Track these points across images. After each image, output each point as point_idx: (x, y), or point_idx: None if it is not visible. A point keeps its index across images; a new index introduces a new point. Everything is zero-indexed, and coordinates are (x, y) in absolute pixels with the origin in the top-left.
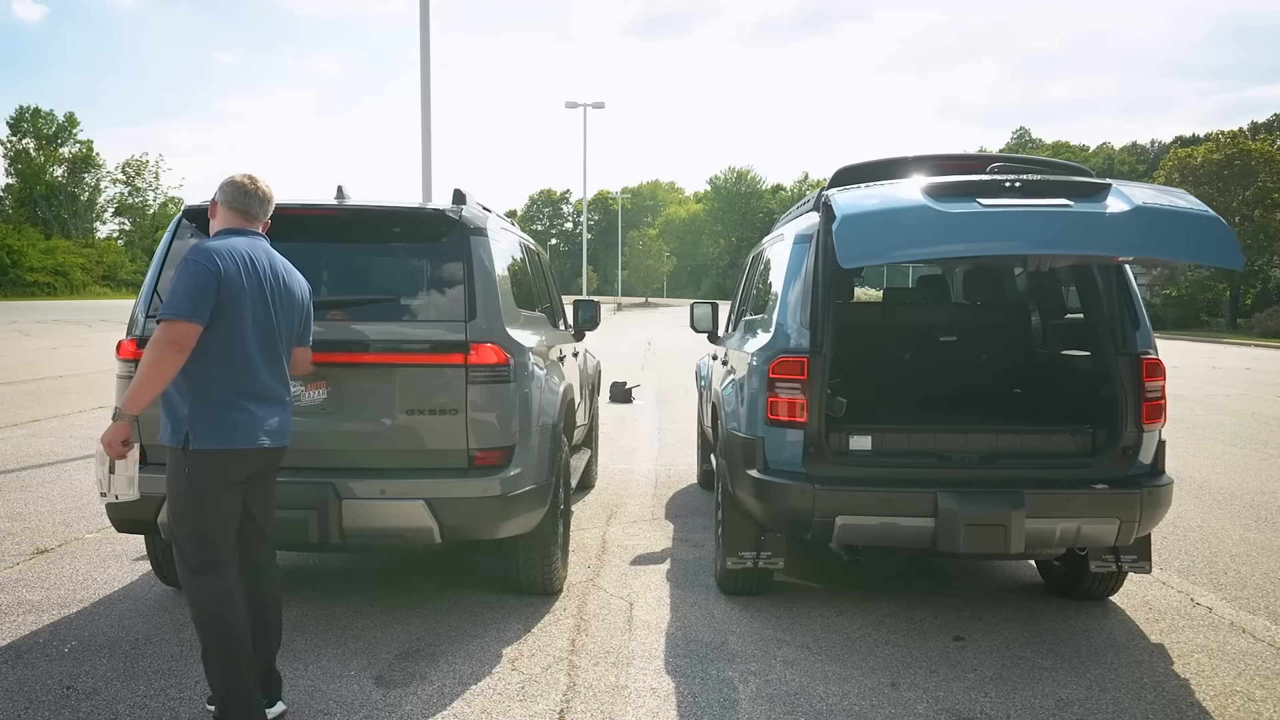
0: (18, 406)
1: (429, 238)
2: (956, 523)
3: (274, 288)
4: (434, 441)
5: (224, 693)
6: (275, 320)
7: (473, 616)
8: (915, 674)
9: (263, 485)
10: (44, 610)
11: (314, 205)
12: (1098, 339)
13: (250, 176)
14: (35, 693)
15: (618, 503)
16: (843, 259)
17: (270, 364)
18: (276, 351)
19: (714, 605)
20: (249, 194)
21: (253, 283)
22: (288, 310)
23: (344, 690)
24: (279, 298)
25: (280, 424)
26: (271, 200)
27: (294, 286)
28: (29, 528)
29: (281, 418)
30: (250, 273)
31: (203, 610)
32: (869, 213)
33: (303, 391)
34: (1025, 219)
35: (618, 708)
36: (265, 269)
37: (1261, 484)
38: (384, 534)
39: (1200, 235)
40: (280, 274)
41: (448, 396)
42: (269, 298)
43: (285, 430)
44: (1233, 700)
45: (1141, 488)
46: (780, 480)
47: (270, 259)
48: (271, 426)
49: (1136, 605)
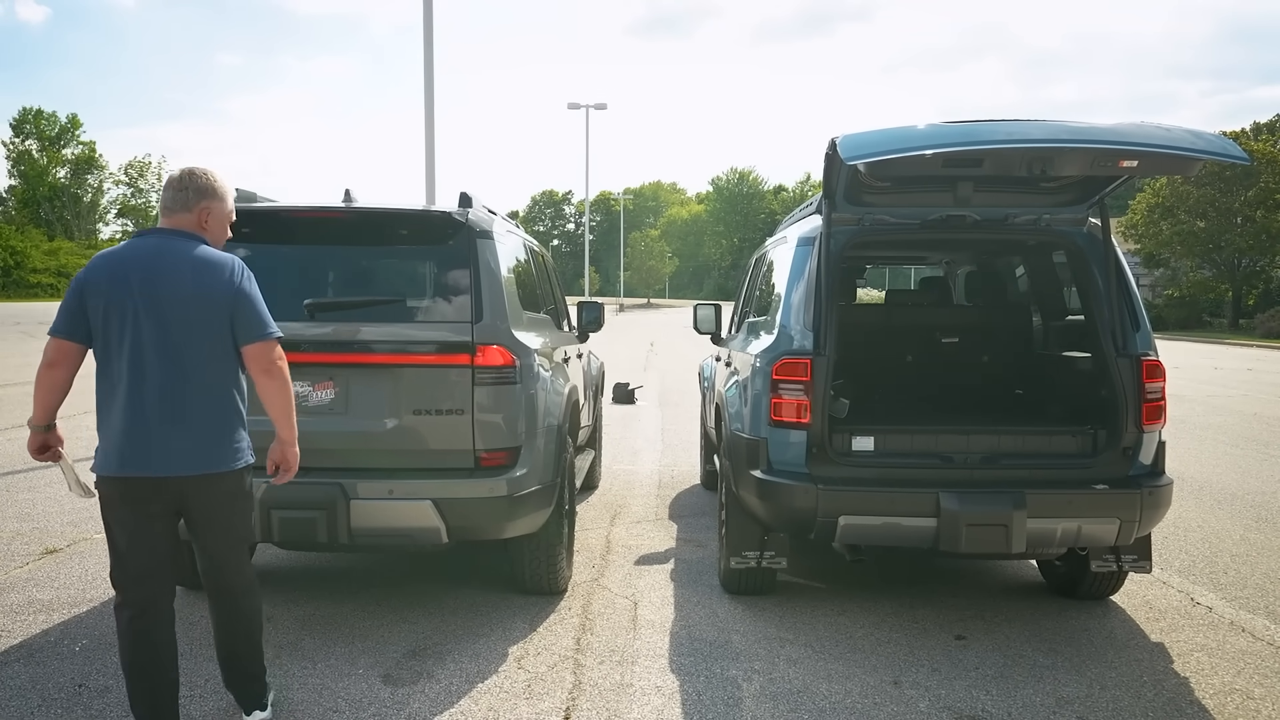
0: (23, 408)
1: (436, 240)
2: (958, 523)
3: (143, 293)
4: (440, 442)
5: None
6: (141, 332)
7: (479, 615)
8: (917, 672)
9: (199, 517)
10: (54, 609)
11: (322, 208)
12: (1098, 340)
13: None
14: (48, 690)
15: (622, 503)
16: (844, 153)
17: (142, 381)
18: (149, 367)
19: (718, 604)
20: (164, 189)
21: (118, 291)
22: (160, 315)
23: (352, 688)
24: (152, 303)
25: (172, 447)
26: (186, 188)
27: (174, 288)
28: (37, 528)
29: (178, 438)
30: (117, 279)
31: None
32: (870, 131)
33: (310, 392)
34: (1026, 124)
35: (623, 705)
36: (134, 273)
37: (1262, 484)
38: (392, 534)
39: (1200, 137)
40: (156, 276)
41: (454, 397)
42: (138, 307)
43: (183, 456)
44: (1231, 698)
45: (1142, 488)
46: (784, 481)
47: (149, 261)
48: (149, 450)
49: (1137, 605)
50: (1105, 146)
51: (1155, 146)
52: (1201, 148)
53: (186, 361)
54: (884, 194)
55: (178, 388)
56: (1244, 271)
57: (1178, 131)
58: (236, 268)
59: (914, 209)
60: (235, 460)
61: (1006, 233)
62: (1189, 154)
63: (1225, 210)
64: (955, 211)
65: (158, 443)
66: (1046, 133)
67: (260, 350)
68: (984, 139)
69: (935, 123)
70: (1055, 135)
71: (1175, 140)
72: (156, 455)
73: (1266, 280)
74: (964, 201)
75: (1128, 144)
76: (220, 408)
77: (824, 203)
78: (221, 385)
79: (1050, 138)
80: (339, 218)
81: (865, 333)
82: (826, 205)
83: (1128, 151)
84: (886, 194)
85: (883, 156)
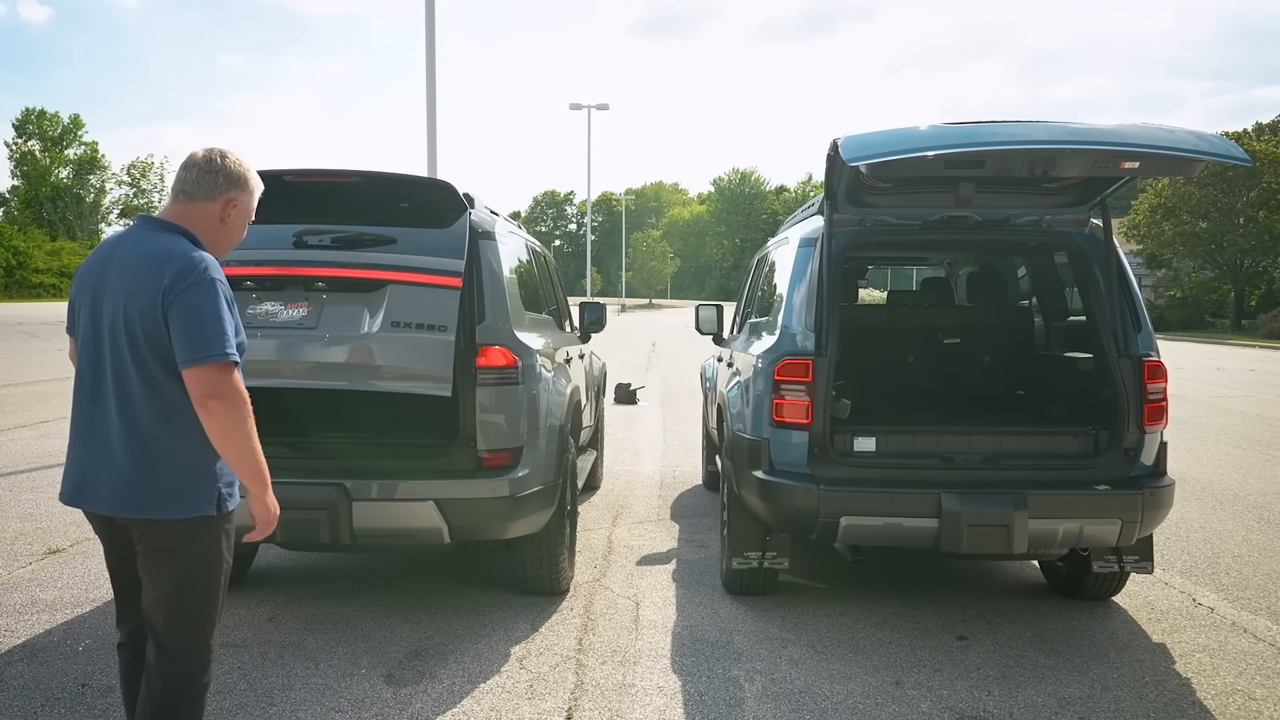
0: (26, 408)
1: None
2: (960, 523)
3: (96, 290)
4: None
5: None
6: (97, 334)
7: (481, 616)
8: (919, 673)
9: (144, 564)
10: (57, 609)
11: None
12: (1099, 341)
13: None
14: (51, 690)
15: (623, 504)
16: (846, 154)
17: (96, 396)
18: (102, 377)
19: (720, 605)
20: (185, 168)
21: (84, 284)
22: (104, 318)
23: (354, 688)
24: (103, 303)
25: (99, 480)
26: (215, 171)
27: (113, 290)
28: (40, 528)
29: (103, 471)
30: (83, 273)
31: None
32: (872, 132)
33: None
34: (1028, 125)
35: (625, 706)
36: (100, 265)
37: (1264, 485)
38: (394, 534)
39: (1203, 139)
40: (113, 270)
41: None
42: (91, 303)
43: (106, 492)
44: (1233, 699)
45: (1143, 489)
46: (785, 481)
47: (113, 251)
48: (82, 480)
49: (1139, 605)
50: (1107, 148)
51: (1157, 148)
52: (1204, 149)
53: (120, 381)
54: (886, 195)
55: (101, 410)
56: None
57: (1180, 133)
58: (182, 270)
59: (916, 210)
60: (175, 509)
61: (1008, 233)
62: (1191, 155)
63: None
64: (957, 212)
65: (86, 471)
66: (1048, 134)
67: (194, 377)
68: (986, 140)
69: (937, 124)
70: (1057, 136)
71: (1177, 141)
72: (86, 488)
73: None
74: (965, 202)
75: (1130, 145)
76: (154, 441)
77: (826, 203)
78: (156, 414)
79: (1052, 139)
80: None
81: (867, 333)
82: (828, 206)
83: (1129, 153)
84: (888, 195)
85: (884, 158)
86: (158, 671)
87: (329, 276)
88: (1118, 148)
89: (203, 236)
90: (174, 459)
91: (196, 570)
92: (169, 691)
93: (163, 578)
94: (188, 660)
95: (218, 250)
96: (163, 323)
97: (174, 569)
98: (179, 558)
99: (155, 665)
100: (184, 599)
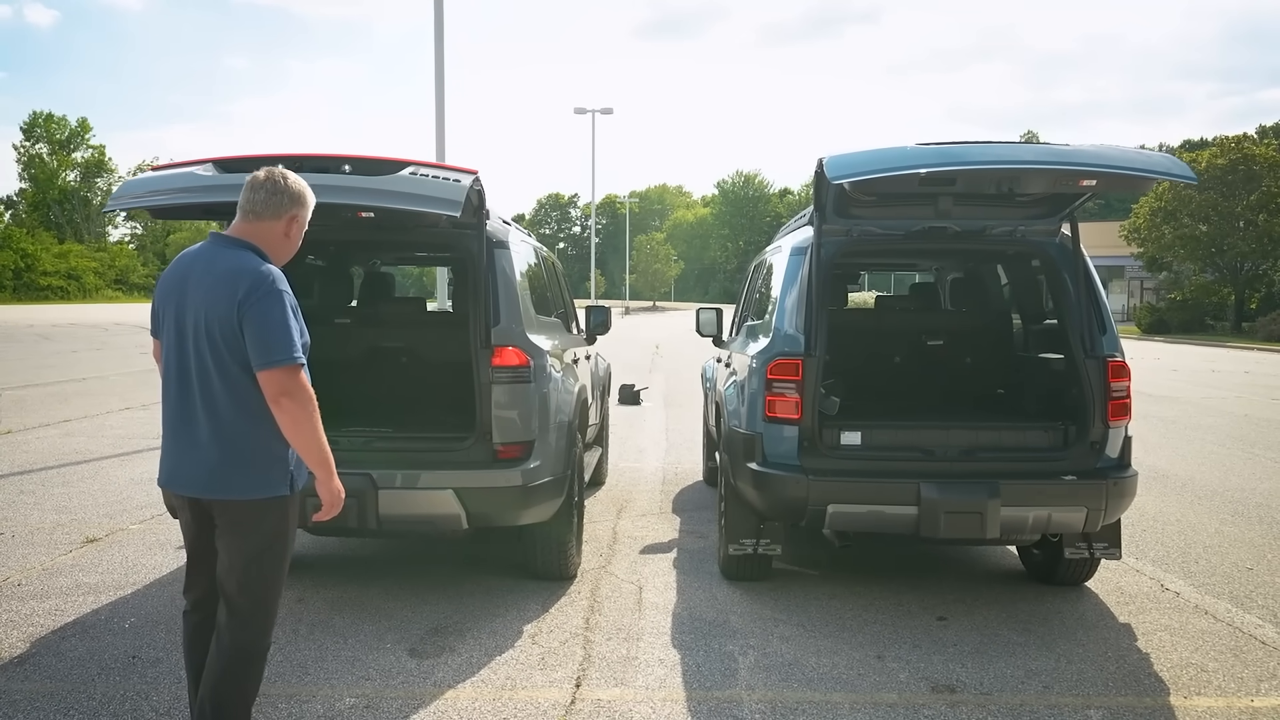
0: (47, 408)
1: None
2: (938, 510)
3: (180, 300)
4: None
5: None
6: (181, 340)
7: (495, 599)
8: (900, 648)
9: (222, 537)
10: (101, 592)
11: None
12: (1069, 343)
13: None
14: (105, 661)
15: (627, 498)
16: (830, 173)
17: (183, 393)
18: (188, 377)
19: (717, 589)
20: (250, 189)
21: (168, 293)
22: (188, 325)
23: (381, 660)
24: (186, 312)
25: (186, 467)
26: (280, 192)
27: (195, 301)
28: (76, 519)
29: (191, 459)
30: (165, 283)
31: None
32: (854, 152)
33: None
34: (996, 146)
35: (629, 675)
36: (180, 277)
37: (1243, 481)
38: (416, 520)
39: (1150, 159)
40: (192, 282)
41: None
42: (175, 312)
43: (195, 477)
44: (1186, 671)
45: (1108, 479)
46: (777, 472)
47: (192, 265)
48: (175, 467)
49: (1109, 590)
50: (1064, 168)
51: (1107, 167)
52: (1150, 167)
53: (204, 381)
54: (871, 207)
55: (210, 402)
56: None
57: (1130, 153)
58: (254, 284)
59: (899, 221)
60: (255, 490)
61: (985, 243)
62: (1137, 173)
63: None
64: (937, 223)
65: (178, 459)
66: (1013, 155)
67: (266, 379)
68: (956, 160)
69: (917, 144)
70: (1020, 157)
71: (1127, 160)
72: (180, 472)
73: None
74: (944, 214)
75: (1082, 165)
76: (234, 433)
77: (815, 215)
78: (236, 409)
79: (1015, 159)
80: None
81: (857, 335)
82: (817, 218)
83: (1085, 171)
84: (873, 207)
85: (863, 176)
86: (228, 631)
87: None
88: (1072, 167)
89: (269, 250)
90: (252, 448)
91: (269, 542)
92: (237, 649)
93: (239, 549)
94: (255, 622)
95: (280, 260)
96: (238, 330)
97: (250, 541)
98: (255, 532)
99: (226, 626)
100: (257, 567)
